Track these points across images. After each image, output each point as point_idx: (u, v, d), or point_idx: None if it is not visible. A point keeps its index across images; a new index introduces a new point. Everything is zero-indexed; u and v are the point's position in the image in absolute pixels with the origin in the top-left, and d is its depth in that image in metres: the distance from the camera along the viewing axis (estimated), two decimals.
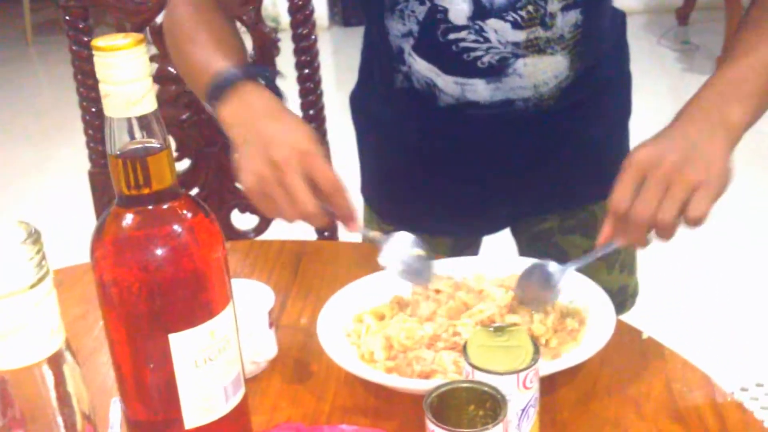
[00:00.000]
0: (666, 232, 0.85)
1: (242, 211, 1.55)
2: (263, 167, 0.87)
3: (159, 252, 0.64)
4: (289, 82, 1.28)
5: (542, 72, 1.06)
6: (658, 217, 0.84)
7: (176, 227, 0.65)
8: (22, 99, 4.47)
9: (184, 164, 1.51)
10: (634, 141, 1.27)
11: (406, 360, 0.85)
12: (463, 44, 1.04)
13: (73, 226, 2.38)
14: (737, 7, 3.86)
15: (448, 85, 1.08)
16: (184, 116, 1.47)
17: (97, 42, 0.61)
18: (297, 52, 1.43)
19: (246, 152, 0.90)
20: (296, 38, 1.42)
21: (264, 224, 1.55)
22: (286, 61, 1.44)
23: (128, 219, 0.64)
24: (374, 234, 0.95)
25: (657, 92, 3.64)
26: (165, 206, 0.65)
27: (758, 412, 1.97)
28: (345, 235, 1.41)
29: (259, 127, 0.91)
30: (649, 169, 0.85)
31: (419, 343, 0.87)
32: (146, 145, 0.63)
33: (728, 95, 0.90)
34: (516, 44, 1.03)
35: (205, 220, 0.67)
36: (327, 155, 0.91)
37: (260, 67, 1.00)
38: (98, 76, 0.62)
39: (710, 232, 2.70)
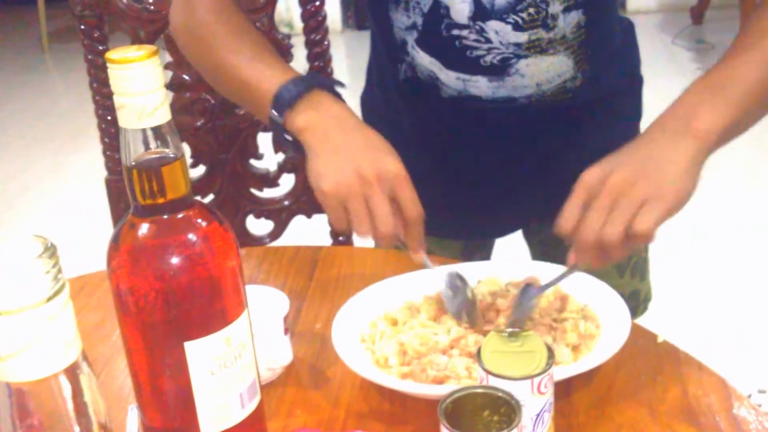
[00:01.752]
0: (614, 251, 0.83)
1: (257, 216, 1.56)
2: (349, 178, 0.88)
3: (174, 261, 0.64)
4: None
5: (545, 71, 1.06)
6: (602, 237, 0.82)
7: (191, 236, 0.66)
8: (38, 106, 4.51)
9: (199, 171, 1.52)
10: None
11: (420, 366, 0.86)
12: (465, 42, 1.04)
13: (89, 233, 2.40)
14: (751, 4, 3.84)
15: (450, 79, 1.08)
16: (198, 123, 1.48)
17: (111, 54, 0.62)
18: (310, 57, 1.44)
19: (330, 160, 0.90)
20: (309, 44, 1.42)
21: (279, 229, 1.56)
22: (299, 66, 1.45)
23: (144, 228, 0.65)
24: (435, 267, 0.95)
25: (671, 92, 3.57)
26: (180, 215, 0.66)
27: None
28: (359, 240, 1.41)
29: (346, 137, 0.91)
30: (596, 189, 0.84)
31: (433, 349, 0.87)
32: (160, 155, 0.63)
33: (704, 100, 0.87)
34: (517, 45, 1.03)
35: (219, 229, 0.68)
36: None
37: (322, 76, 1.01)
38: (113, 88, 0.62)
39: (725, 235, 2.69)
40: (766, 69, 0.89)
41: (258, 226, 1.54)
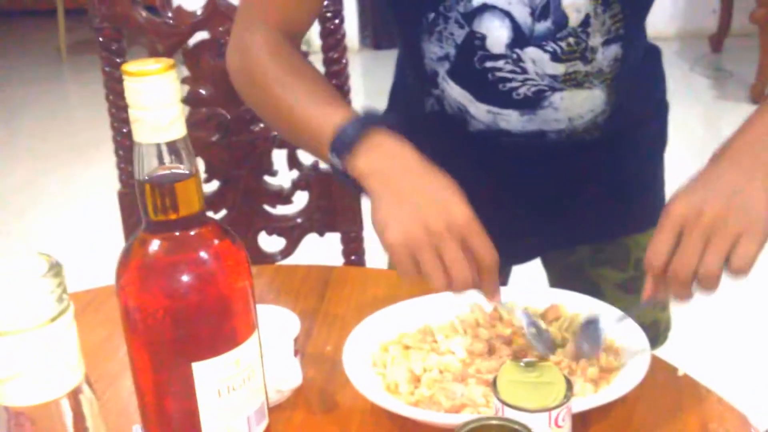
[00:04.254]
0: (710, 284, 0.82)
1: (269, 233, 1.55)
2: (417, 229, 0.83)
3: (184, 279, 0.63)
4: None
5: (579, 106, 1.04)
6: (700, 271, 0.81)
7: (202, 254, 0.64)
8: (54, 117, 4.52)
9: (212, 186, 1.51)
10: (668, 172, 1.25)
11: (433, 393, 0.84)
12: (499, 74, 1.02)
13: (99, 247, 2.39)
14: None
15: (480, 112, 1.06)
16: (213, 138, 1.47)
17: (128, 67, 0.60)
18: (328, 75, 1.43)
19: (395, 208, 0.85)
20: (327, 62, 1.42)
21: (291, 247, 1.54)
22: None
23: (155, 245, 0.64)
24: (509, 305, 0.92)
25: (689, 120, 3.60)
26: (192, 233, 0.64)
27: None
28: (373, 261, 1.39)
29: (411, 183, 0.87)
30: (688, 222, 0.82)
31: (447, 376, 0.85)
32: (174, 171, 0.62)
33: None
34: (554, 77, 1.01)
35: (232, 247, 0.66)
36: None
37: (379, 114, 0.96)
38: (128, 101, 0.61)
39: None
40: None
41: (270, 243, 1.53)
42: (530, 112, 1.04)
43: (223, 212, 1.52)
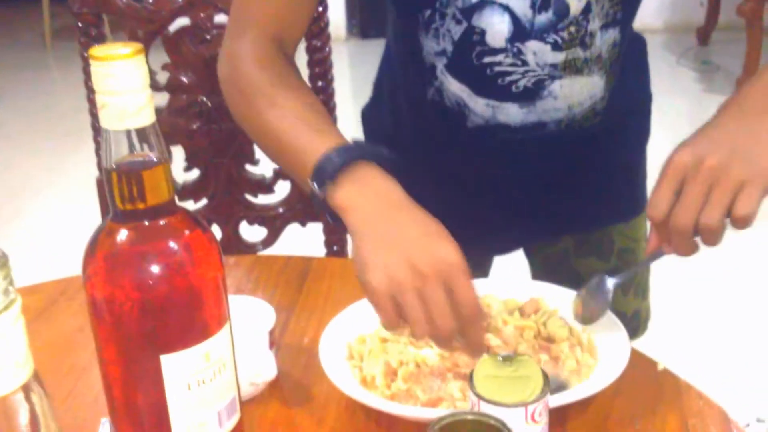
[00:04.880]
0: (712, 236, 0.80)
1: (251, 223, 1.53)
2: (401, 272, 0.75)
3: (153, 270, 0.61)
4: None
5: (578, 93, 1.03)
6: (701, 221, 0.79)
7: (172, 244, 0.63)
8: (38, 103, 4.48)
9: (193, 174, 1.49)
10: (653, 164, 1.24)
11: (409, 386, 0.82)
12: (498, 68, 1.00)
13: (84, 235, 2.37)
14: (758, 27, 3.83)
15: (479, 106, 1.04)
16: (194, 126, 1.45)
17: (95, 51, 0.59)
18: (311, 64, 1.41)
19: (379, 251, 0.78)
20: (310, 50, 1.40)
21: (272, 237, 1.53)
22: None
23: (122, 235, 0.62)
24: None
25: (675, 113, 3.60)
26: (161, 222, 0.62)
27: None
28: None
29: (395, 223, 0.80)
30: (689, 172, 0.80)
31: (424, 370, 0.84)
32: (143, 158, 0.60)
33: None
34: (554, 66, 0.99)
35: (202, 237, 0.65)
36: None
37: (369, 146, 0.90)
38: (95, 86, 0.59)
39: (726, 258, 2.66)
40: None
41: (251, 232, 1.51)
42: (529, 103, 1.02)
43: (203, 201, 1.50)
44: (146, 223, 0.62)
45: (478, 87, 1.03)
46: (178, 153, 1.47)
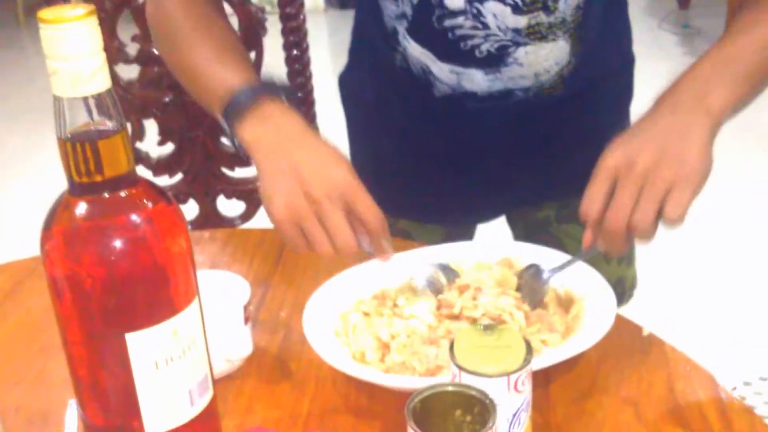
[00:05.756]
0: (645, 236, 0.80)
1: (228, 197, 1.50)
2: (299, 200, 0.82)
3: (114, 244, 0.58)
4: (276, 64, 1.23)
5: (543, 60, 1.01)
6: (633, 223, 0.79)
7: (134, 217, 0.60)
8: (13, 81, 4.41)
9: (167, 148, 1.45)
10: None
11: (405, 359, 0.80)
12: (459, 32, 0.98)
13: None
14: None
15: (443, 72, 1.02)
16: (167, 99, 1.42)
17: (44, 14, 0.55)
18: (284, 32, 1.38)
19: (278, 182, 0.84)
20: (284, 18, 1.36)
21: (251, 210, 1.50)
22: (274, 42, 1.38)
23: (80, 208, 0.59)
24: (405, 266, 0.91)
25: (657, 77, 3.54)
26: (122, 194, 0.59)
27: (761, 407, 1.92)
28: None
29: (292, 155, 0.85)
30: (621, 172, 0.80)
31: (415, 340, 0.82)
32: (99, 127, 0.57)
33: (713, 79, 0.84)
34: (517, 31, 0.97)
35: (166, 209, 0.62)
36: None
37: (277, 83, 0.94)
38: (45, 51, 0.56)
39: (711, 224, 2.65)
40: (764, 49, 0.88)
41: (229, 207, 1.49)
42: (494, 70, 1.00)
43: (179, 176, 1.47)
44: (106, 195, 0.59)
45: (441, 52, 1.01)
46: (151, 127, 1.43)
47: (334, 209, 0.82)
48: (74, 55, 0.55)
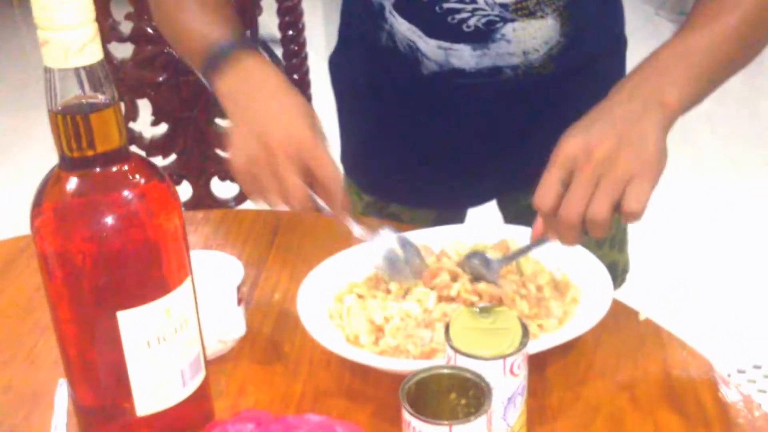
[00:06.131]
0: (599, 229, 0.77)
1: (222, 178, 1.49)
2: (256, 149, 0.84)
3: (105, 221, 0.57)
4: (272, 45, 1.21)
5: (531, 37, 1.00)
6: (588, 216, 0.76)
7: (126, 193, 0.59)
8: (6, 63, 4.37)
9: (161, 129, 1.44)
10: None
11: (399, 342, 0.79)
12: (446, 5, 0.97)
13: None
14: None
15: (431, 49, 1.01)
16: (160, 78, 1.40)
17: None
18: (280, 12, 1.36)
19: (240, 130, 0.87)
20: None
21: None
22: (269, 22, 1.37)
23: (71, 183, 0.58)
24: (361, 230, 0.88)
25: None
26: (113, 169, 0.58)
27: (755, 395, 1.93)
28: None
29: (258, 105, 0.87)
30: (577, 163, 0.77)
31: (409, 323, 0.81)
32: (90, 100, 0.56)
33: (669, 71, 0.81)
34: (504, 6, 0.96)
35: (159, 185, 0.61)
36: (325, 139, 0.87)
37: (258, 40, 0.95)
38: (36, 21, 0.55)
39: (706, 211, 2.65)
40: (724, 43, 0.85)
41: (223, 188, 1.47)
42: (482, 45, 0.99)
43: (172, 157, 1.46)
44: (97, 170, 0.58)
45: (428, 27, 1.00)
46: (144, 107, 1.42)
47: (288, 162, 0.83)
48: (65, 25, 0.54)
